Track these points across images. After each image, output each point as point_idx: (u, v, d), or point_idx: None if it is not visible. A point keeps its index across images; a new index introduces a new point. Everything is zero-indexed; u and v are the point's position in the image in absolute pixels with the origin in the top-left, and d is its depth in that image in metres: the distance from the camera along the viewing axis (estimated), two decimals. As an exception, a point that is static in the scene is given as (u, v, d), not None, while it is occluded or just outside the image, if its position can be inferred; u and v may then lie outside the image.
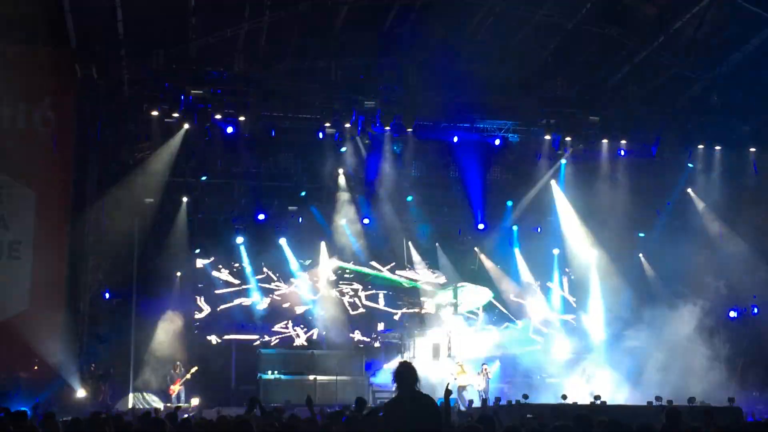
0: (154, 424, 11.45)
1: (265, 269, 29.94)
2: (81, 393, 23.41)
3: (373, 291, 31.26)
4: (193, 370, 26.25)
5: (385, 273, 31.22)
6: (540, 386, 28.38)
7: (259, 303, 29.75)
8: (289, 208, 29.44)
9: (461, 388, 26.44)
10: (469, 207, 31.29)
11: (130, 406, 24.91)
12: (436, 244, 31.66)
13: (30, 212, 23.39)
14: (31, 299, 23.12)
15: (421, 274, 31.41)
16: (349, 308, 30.89)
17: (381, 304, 31.23)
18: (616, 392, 27.31)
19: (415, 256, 31.53)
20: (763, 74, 27.52)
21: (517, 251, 31.87)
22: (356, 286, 31.15)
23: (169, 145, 26.81)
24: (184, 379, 26.04)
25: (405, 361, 8.66)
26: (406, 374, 8.36)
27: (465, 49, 27.33)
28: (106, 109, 25.63)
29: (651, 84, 29.03)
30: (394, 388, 8.43)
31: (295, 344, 29.76)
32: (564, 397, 24.06)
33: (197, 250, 29.16)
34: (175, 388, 25.87)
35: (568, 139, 29.56)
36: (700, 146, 30.18)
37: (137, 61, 25.11)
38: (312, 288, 30.45)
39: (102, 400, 24.05)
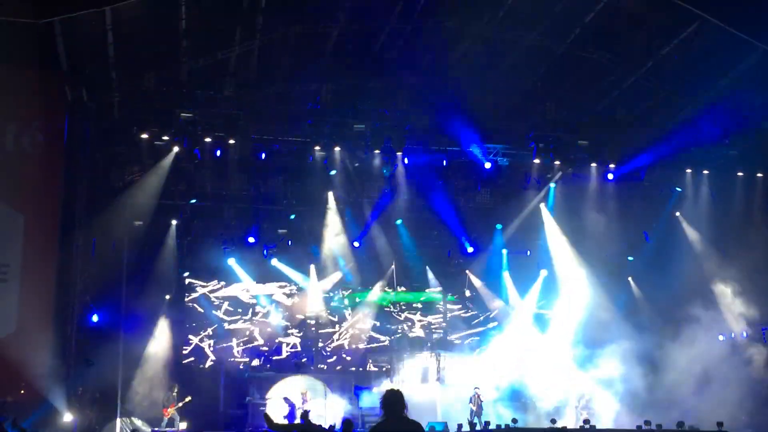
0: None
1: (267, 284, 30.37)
2: (68, 417, 23.20)
3: (363, 314, 31.37)
4: (187, 399, 26.11)
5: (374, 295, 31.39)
6: (532, 410, 28.36)
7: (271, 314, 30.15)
8: (279, 231, 29.40)
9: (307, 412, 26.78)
10: (458, 230, 31.37)
11: (117, 430, 24.75)
12: (426, 267, 31.72)
13: (18, 235, 23.23)
14: (18, 322, 22.91)
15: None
16: (338, 331, 31.02)
17: (369, 326, 31.36)
18: (607, 416, 27.30)
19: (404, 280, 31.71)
20: (750, 99, 27.73)
21: (506, 274, 31.97)
22: (347, 309, 31.25)
23: (159, 167, 26.79)
24: (177, 406, 25.89)
25: (392, 389, 8.63)
26: (393, 401, 8.35)
27: (455, 72, 27.45)
28: (96, 132, 25.61)
29: (639, 108, 29.20)
30: (381, 415, 8.42)
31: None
32: (553, 421, 24.06)
33: (186, 273, 29.15)
34: (170, 411, 25.73)
35: (557, 162, 29.67)
36: (688, 170, 30.36)
37: (128, 83, 25.16)
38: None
39: (89, 425, 23.88)
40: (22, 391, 22.39)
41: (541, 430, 21.84)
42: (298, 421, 24.62)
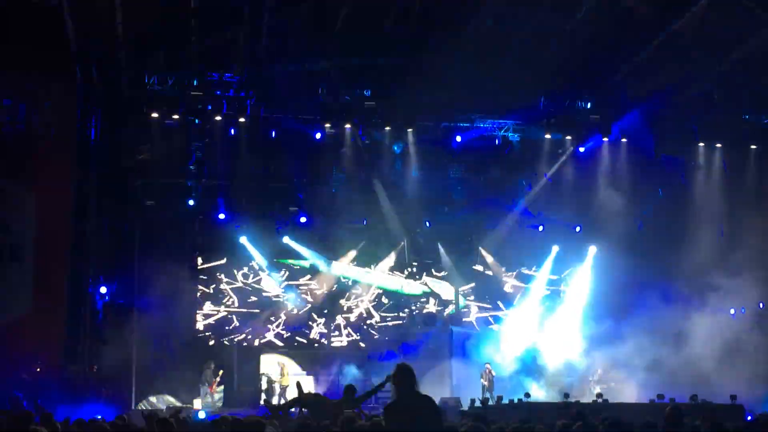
0: (160, 425, 11.41)
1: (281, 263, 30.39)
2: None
3: (374, 289, 31.49)
4: (221, 373, 26.87)
5: (383, 280, 31.37)
6: (550, 384, 28.46)
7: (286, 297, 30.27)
8: (290, 208, 29.46)
9: (284, 389, 26.71)
10: (469, 206, 31.34)
11: (134, 408, 24.98)
12: (438, 244, 31.71)
13: (31, 215, 23.41)
14: (32, 301, 23.14)
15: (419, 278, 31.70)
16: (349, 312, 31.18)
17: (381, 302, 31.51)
18: (622, 390, 27.35)
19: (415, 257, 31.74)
20: (763, 72, 27.53)
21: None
22: (359, 289, 31.38)
23: (170, 146, 26.82)
24: (218, 380, 26.52)
25: (402, 363, 8.64)
26: (404, 376, 8.36)
27: (465, 48, 27.30)
28: (106, 111, 25.66)
29: (651, 83, 29.00)
30: (392, 391, 8.44)
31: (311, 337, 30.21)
32: (566, 395, 24.10)
33: (197, 252, 29.26)
34: (215, 388, 26.48)
35: (568, 137, 29.57)
36: (701, 144, 30.22)
37: (137, 63, 25.13)
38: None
39: (104, 402, 24.09)
40: (38, 369, 22.62)
41: (553, 404, 21.87)
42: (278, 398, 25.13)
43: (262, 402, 23.29)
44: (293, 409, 14.66)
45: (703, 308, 28.04)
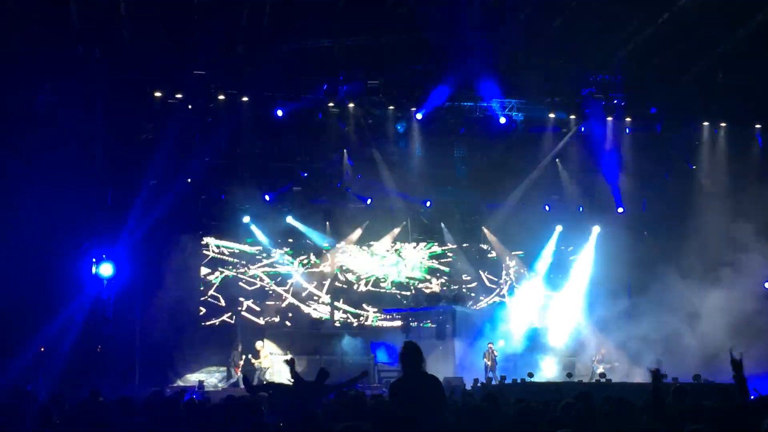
0: (165, 405, 11.46)
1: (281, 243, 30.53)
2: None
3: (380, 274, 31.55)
4: (244, 356, 26.90)
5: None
6: (547, 364, 28.50)
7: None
8: (294, 188, 29.42)
9: (264, 370, 26.54)
10: (473, 185, 31.30)
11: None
12: (441, 223, 31.70)
13: (35, 193, 23.39)
14: (36, 281, 23.14)
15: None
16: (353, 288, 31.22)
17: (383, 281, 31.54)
18: (628, 369, 27.42)
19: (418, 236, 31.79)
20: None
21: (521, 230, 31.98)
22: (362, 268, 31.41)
23: (173, 125, 26.74)
24: (242, 363, 26.69)
25: (410, 342, 8.66)
26: (411, 354, 8.39)
27: (468, 27, 27.17)
28: (109, 91, 25.56)
29: (656, 60, 28.89)
30: (399, 369, 8.47)
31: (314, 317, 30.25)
32: (569, 375, 24.19)
33: (201, 231, 29.26)
34: (240, 371, 26.60)
35: (572, 116, 29.49)
36: (705, 123, 30.13)
37: (140, 41, 25.02)
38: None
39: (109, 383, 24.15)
40: (42, 349, 22.69)
41: (555, 384, 21.90)
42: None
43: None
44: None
45: (711, 288, 28.00)
